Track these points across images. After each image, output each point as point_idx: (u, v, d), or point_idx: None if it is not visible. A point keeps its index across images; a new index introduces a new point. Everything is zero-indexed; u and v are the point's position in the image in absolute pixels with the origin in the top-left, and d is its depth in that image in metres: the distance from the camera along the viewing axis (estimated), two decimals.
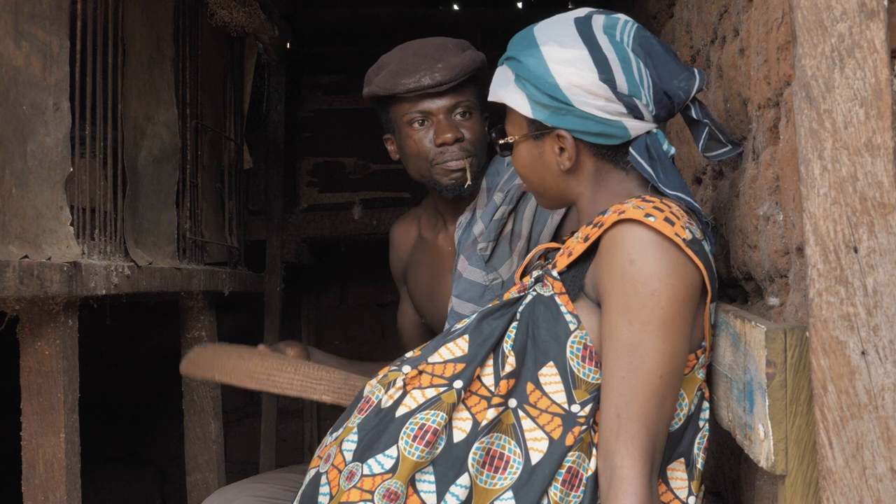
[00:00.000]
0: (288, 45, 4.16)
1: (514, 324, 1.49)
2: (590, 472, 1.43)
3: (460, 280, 2.07)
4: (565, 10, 1.63)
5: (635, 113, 1.51)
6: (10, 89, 1.75)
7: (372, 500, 1.41)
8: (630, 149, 1.52)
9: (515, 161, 1.63)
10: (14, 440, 1.95)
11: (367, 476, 1.43)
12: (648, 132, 1.53)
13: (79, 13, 2.08)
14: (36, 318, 1.91)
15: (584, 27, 1.53)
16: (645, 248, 1.40)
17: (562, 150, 1.54)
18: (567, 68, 1.50)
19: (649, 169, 1.50)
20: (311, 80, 4.53)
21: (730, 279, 1.81)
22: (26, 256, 1.73)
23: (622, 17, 1.56)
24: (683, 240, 1.41)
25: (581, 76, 1.49)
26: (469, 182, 2.04)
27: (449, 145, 2.03)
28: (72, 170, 1.95)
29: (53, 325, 1.91)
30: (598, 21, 1.54)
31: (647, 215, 1.41)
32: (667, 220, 1.41)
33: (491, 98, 1.63)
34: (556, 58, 1.51)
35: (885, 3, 1.13)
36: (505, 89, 1.58)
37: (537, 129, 1.56)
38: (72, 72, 1.98)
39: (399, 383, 1.50)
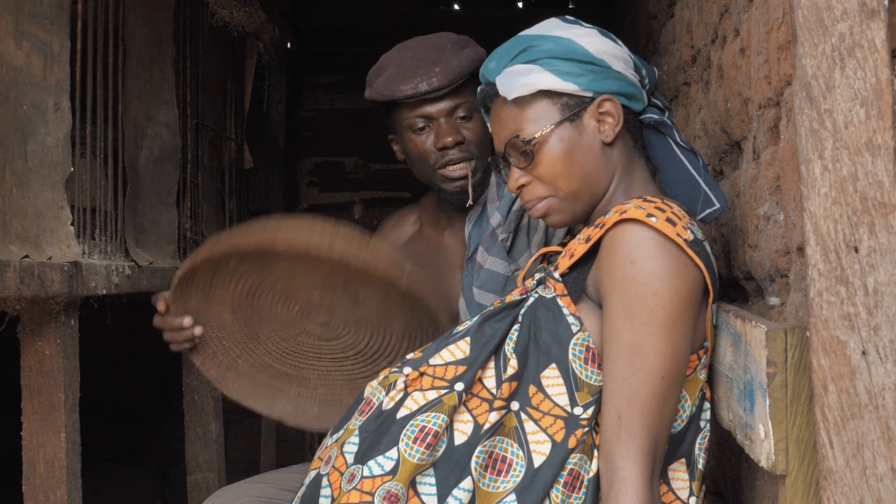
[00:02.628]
0: (288, 45, 4.16)
1: (516, 326, 1.49)
2: (591, 474, 1.43)
3: (481, 271, 2.08)
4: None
5: (642, 84, 1.60)
6: (10, 89, 1.75)
7: (372, 502, 1.40)
8: (643, 117, 1.60)
9: (548, 161, 1.53)
10: (14, 440, 1.95)
11: (367, 478, 1.43)
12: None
13: (79, 13, 2.08)
14: (36, 318, 1.91)
15: (567, 20, 1.60)
16: (646, 248, 1.40)
17: (599, 122, 1.55)
18: (590, 39, 1.55)
19: (663, 118, 1.59)
20: (312, 79, 4.53)
21: (730, 279, 1.81)
22: (27, 256, 1.74)
23: None
24: (685, 240, 1.40)
25: (604, 43, 1.55)
26: (471, 201, 2.05)
27: (449, 148, 2.03)
28: (72, 169, 1.95)
29: (54, 325, 1.92)
30: (570, 18, 1.63)
31: (649, 215, 1.41)
32: (668, 220, 1.41)
33: (515, 94, 1.53)
34: (573, 34, 1.55)
35: (886, 2, 1.13)
36: (527, 77, 1.53)
37: (575, 107, 1.54)
38: (72, 71, 1.98)
39: (400, 385, 1.50)
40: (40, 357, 1.92)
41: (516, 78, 1.54)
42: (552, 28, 1.58)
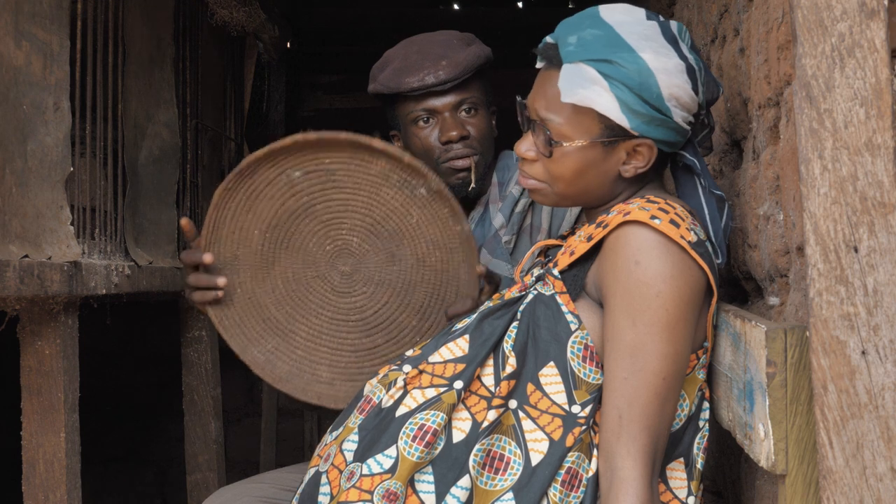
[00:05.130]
0: (288, 45, 4.16)
1: (515, 323, 1.49)
2: (590, 473, 1.43)
3: None
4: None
5: (697, 119, 1.51)
6: (10, 89, 1.75)
7: (371, 500, 1.41)
8: (682, 151, 1.53)
9: (561, 163, 1.51)
10: (14, 440, 1.95)
11: (366, 476, 1.43)
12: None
13: (79, 13, 2.08)
14: (36, 318, 1.91)
15: (667, 33, 1.49)
16: (650, 249, 1.40)
17: (628, 156, 1.50)
18: (671, 79, 1.45)
19: (695, 160, 1.52)
20: (311, 79, 4.53)
21: (730, 278, 1.81)
22: (27, 256, 1.74)
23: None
24: (689, 242, 1.41)
25: (681, 88, 1.46)
26: (473, 185, 2.04)
27: (454, 143, 2.02)
28: (72, 169, 1.95)
29: (54, 325, 1.92)
30: (674, 26, 1.51)
31: (653, 217, 1.41)
32: (672, 221, 1.41)
33: (568, 99, 1.47)
34: (659, 66, 1.45)
35: (886, 2, 1.13)
36: (589, 91, 1.46)
37: (615, 136, 1.48)
38: (72, 71, 1.98)
39: (400, 383, 1.50)
40: (40, 357, 1.92)
41: (579, 83, 1.46)
42: (644, 43, 1.46)
